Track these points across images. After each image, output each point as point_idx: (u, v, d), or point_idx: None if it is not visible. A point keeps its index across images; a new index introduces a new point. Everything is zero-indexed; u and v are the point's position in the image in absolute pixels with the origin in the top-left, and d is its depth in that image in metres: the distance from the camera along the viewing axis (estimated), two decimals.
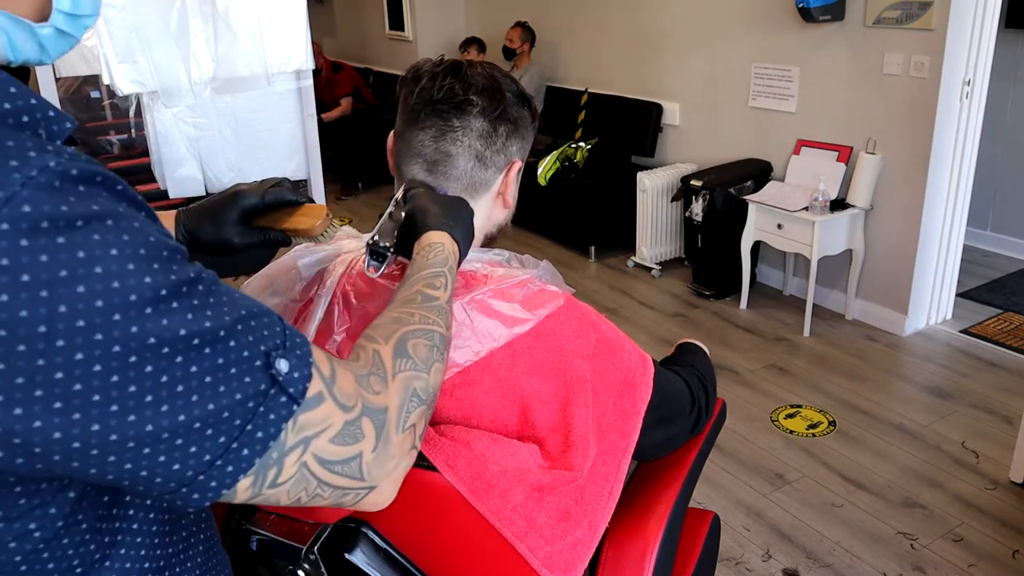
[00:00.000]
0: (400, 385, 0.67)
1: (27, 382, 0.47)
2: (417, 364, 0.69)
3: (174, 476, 0.53)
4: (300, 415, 0.57)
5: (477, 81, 0.98)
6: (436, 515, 0.88)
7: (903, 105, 3.37)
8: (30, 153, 0.48)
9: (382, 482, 0.63)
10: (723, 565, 2.21)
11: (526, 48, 5.23)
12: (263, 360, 0.55)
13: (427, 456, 0.85)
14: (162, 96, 2.14)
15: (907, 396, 3.11)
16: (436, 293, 0.79)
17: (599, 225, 4.61)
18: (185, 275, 0.52)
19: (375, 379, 0.65)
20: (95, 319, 0.47)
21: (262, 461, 0.56)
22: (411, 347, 0.70)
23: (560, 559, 0.86)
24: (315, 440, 0.58)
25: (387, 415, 0.64)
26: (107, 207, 0.49)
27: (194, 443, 0.52)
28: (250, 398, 0.54)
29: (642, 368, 0.99)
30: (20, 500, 0.54)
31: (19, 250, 0.45)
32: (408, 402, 0.67)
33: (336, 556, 0.90)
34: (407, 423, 0.66)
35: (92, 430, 0.49)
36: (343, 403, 0.60)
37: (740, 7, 3.98)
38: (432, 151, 0.98)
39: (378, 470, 0.63)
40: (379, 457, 0.62)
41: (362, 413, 0.62)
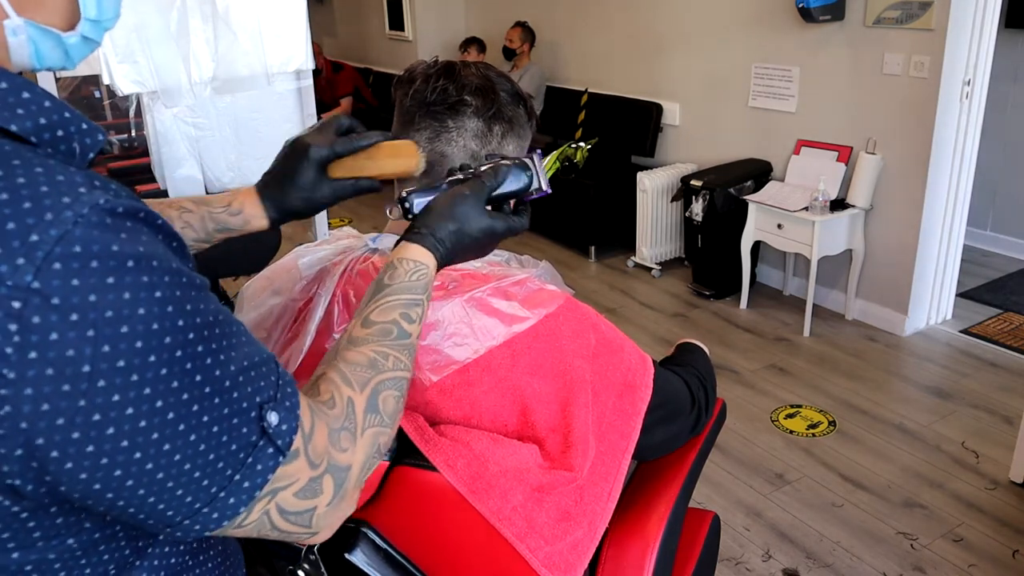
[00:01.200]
0: (367, 442, 0.67)
1: (67, 423, 0.47)
2: (384, 420, 0.70)
3: (163, 518, 0.54)
4: (280, 468, 0.58)
5: (471, 81, 0.98)
6: (436, 515, 0.88)
7: (903, 105, 3.37)
8: (80, 189, 0.48)
9: (325, 530, 0.65)
10: (723, 565, 2.21)
11: (526, 48, 5.23)
12: (257, 412, 0.56)
13: (427, 456, 0.85)
14: (162, 96, 2.15)
15: (907, 396, 3.11)
16: (411, 328, 0.77)
17: (599, 225, 4.61)
18: (209, 317, 0.53)
19: (345, 435, 0.66)
20: (134, 360, 0.48)
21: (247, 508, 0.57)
22: (382, 400, 0.70)
23: (560, 559, 0.86)
24: (282, 492, 0.59)
25: (349, 473, 0.64)
26: (151, 248, 0.50)
27: (187, 489, 0.54)
28: (241, 449, 0.55)
29: (642, 369, 0.99)
30: (57, 520, 0.55)
31: (71, 290, 0.45)
32: (371, 458, 0.68)
33: (336, 556, 0.90)
34: (365, 477, 0.67)
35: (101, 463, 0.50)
36: (313, 460, 0.61)
37: (740, 7, 3.98)
38: (427, 152, 0.98)
39: (326, 520, 0.64)
40: (332, 510, 0.63)
41: (326, 471, 0.62)
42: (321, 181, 0.93)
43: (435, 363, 0.90)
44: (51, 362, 0.46)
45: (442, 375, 0.89)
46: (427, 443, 0.86)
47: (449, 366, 0.89)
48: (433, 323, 0.90)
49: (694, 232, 4.01)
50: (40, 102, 0.53)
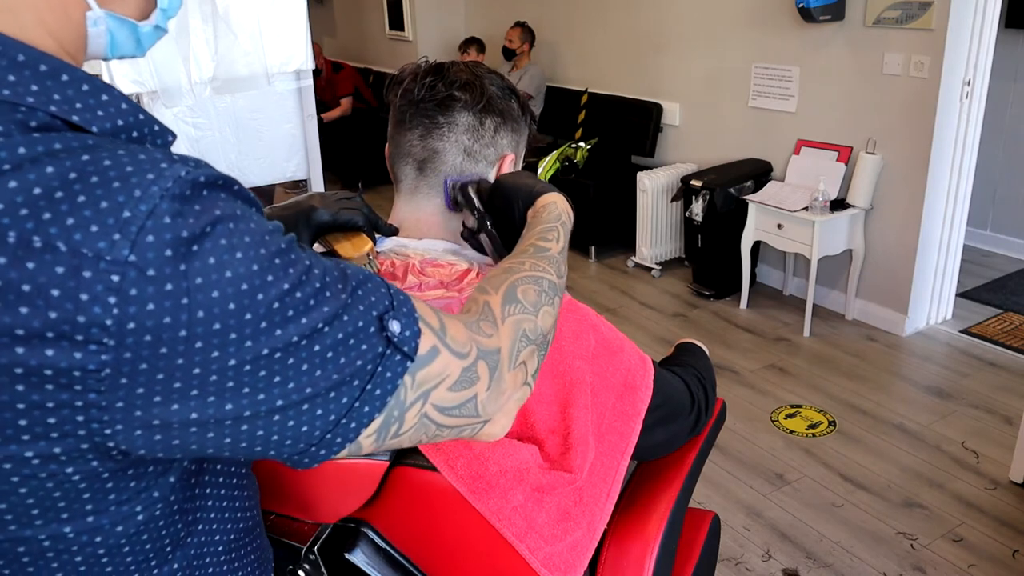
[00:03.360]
0: (510, 327, 0.70)
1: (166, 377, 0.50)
2: (526, 308, 0.73)
3: (303, 438, 0.57)
4: (418, 371, 0.60)
5: (459, 77, 0.99)
6: (436, 515, 0.88)
7: (903, 105, 3.37)
8: (162, 165, 0.51)
9: (496, 415, 0.68)
10: (723, 565, 2.21)
11: (526, 48, 5.23)
12: (376, 325, 0.58)
13: (427, 456, 0.85)
14: (162, 96, 2.15)
15: (907, 396, 3.11)
16: (548, 245, 0.84)
17: (599, 225, 4.61)
18: (301, 266, 0.55)
19: (485, 323, 0.69)
20: (229, 321, 0.50)
21: (384, 417, 0.59)
22: (520, 292, 0.74)
23: (560, 559, 0.86)
24: (434, 391, 0.62)
25: (500, 355, 0.67)
26: (227, 209, 0.53)
27: (320, 407, 0.56)
28: (368, 362, 0.57)
29: (642, 369, 0.99)
30: (131, 483, 0.57)
31: (164, 261, 0.48)
32: (518, 342, 0.70)
33: (336, 556, 0.90)
34: (517, 360, 0.70)
35: (226, 409, 0.53)
36: (458, 351, 0.63)
37: (740, 7, 3.98)
38: (420, 150, 0.99)
39: (492, 405, 0.67)
40: (492, 394, 0.66)
41: (478, 357, 0.65)
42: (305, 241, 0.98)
43: None
44: (149, 330, 0.48)
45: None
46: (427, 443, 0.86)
47: None
48: None
49: (694, 232, 4.01)
50: (118, 104, 0.56)
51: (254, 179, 2.34)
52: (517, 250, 0.84)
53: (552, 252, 0.83)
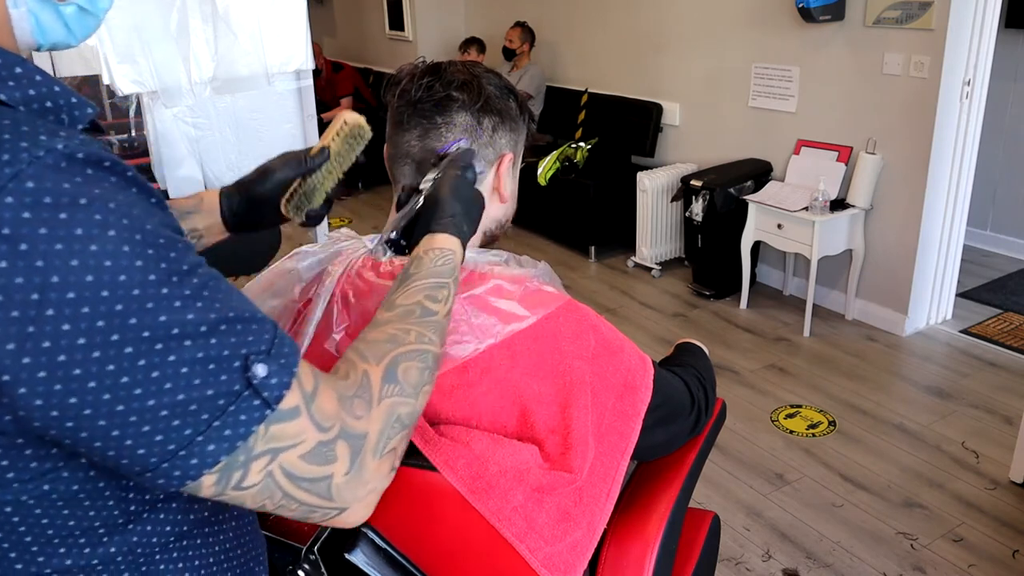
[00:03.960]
0: (384, 411, 0.66)
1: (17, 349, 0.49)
2: (405, 389, 0.69)
3: (139, 459, 0.55)
4: (273, 425, 0.58)
5: (456, 77, 0.98)
6: (436, 515, 0.88)
7: (903, 105, 3.37)
8: (41, 136, 0.51)
9: (354, 505, 0.64)
10: (723, 565, 2.21)
11: (526, 48, 5.23)
12: (241, 362, 0.56)
13: (427, 456, 0.85)
14: (162, 96, 2.15)
15: (907, 396, 3.11)
16: (436, 307, 0.78)
17: (599, 225, 4.61)
18: (179, 265, 0.54)
19: (359, 402, 0.65)
20: (84, 293, 0.50)
21: (228, 461, 0.57)
22: (401, 371, 0.69)
23: (560, 560, 0.86)
24: (284, 453, 0.59)
25: (366, 440, 0.64)
26: (110, 192, 0.52)
27: (160, 431, 0.54)
28: (221, 396, 0.55)
29: (642, 370, 0.99)
30: (32, 463, 0.56)
31: (20, 221, 0.48)
32: (390, 427, 0.66)
33: (336, 556, 0.90)
34: (386, 448, 0.66)
35: (70, 402, 0.51)
36: (320, 423, 0.61)
37: (740, 7, 3.98)
38: (419, 150, 0.99)
39: (349, 493, 0.63)
40: (351, 481, 0.63)
41: (339, 436, 0.62)
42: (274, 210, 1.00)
43: None
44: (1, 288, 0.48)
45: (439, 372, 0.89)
46: (427, 443, 0.86)
47: (447, 363, 0.89)
48: None
49: (694, 232, 4.01)
50: (31, 76, 0.56)
51: None
52: (403, 302, 0.77)
53: (439, 317, 0.77)
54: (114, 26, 2.01)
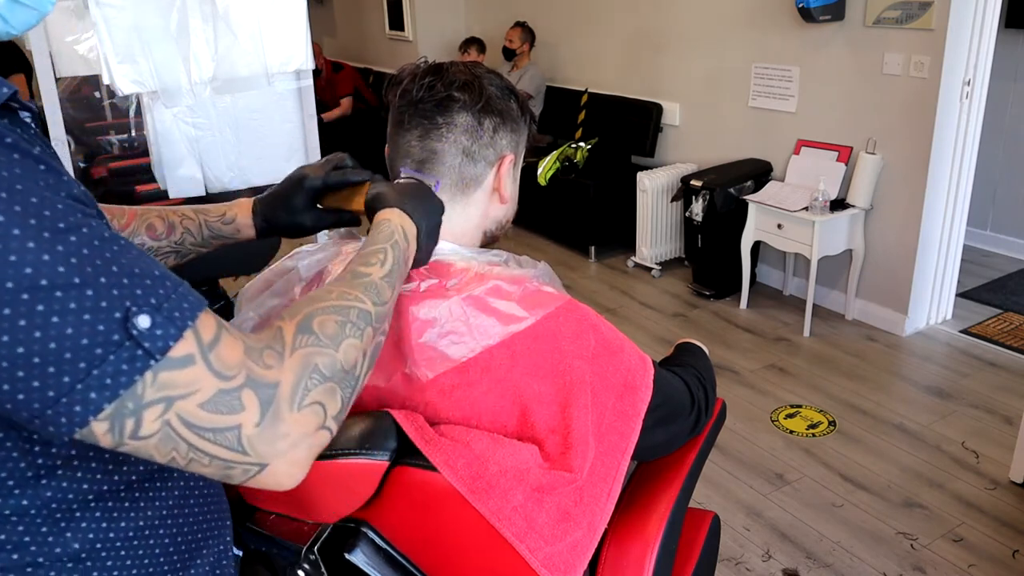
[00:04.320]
0: (299, 361, 0.65)
1: None
2: (321, 340, 0.67)
3: (22, 406, 0.56)
4: (162, 373, 0.58)
5: (457, 78, 0.98)
6: (436, 515, 0.88)
7: (903, 105, 3.37)
8: None
9: (275, 460, 0.62)
10: (723, 565, 2.21)
11: (526, 48, 5.23)
12: (122, 313, 0.57)
13: (427, 456, 0.85)
14: (162, 96, 2.15)
15: (907, 396, 3.11)
16: (368, 270, 0.78)
17: (599, 225, 4.61)
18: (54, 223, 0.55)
19: (270, 353, 0.64)
20: None
21: (115, 409, 0.57)
22: (317, 324, 0.68)
23: (560, 560, 0.86)
24: (180, 401, 0.59)
25: (277, 390, 0.62)
26: None
27: (37, 378, 0.55)
28: (98, 345, 0.56)
29: (642, 370, 0.99)
30: None
31: None
32: (307, 379, 0.64)
33: (336, 556, 0.90)
34: (306, 400, 0.64)
35: None
36: (219, 371, 0.60)
37: (740, 7, 3.98)
38: (419, 150, 0.99)
39: (264, 446, 0.61)
40: (265, 432, 0.61)
41: (244, 385, 0.61)
42: (309, 208, 1.03)
43: (431, 360, 0.90)
44: None
45: (437, 372, 0.89)
46: (427, 443, 0.86)
47: (445, 363, 0.89)
48: (430, 321, 0.90)
49: (694, 232, 4.01)
50: None
51: (254, 179, 2.34)
52: (337, 275, 0.78)
53: (372, 278, 0.77)
54: (114, 26, 2.01)
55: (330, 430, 0.66)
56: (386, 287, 0.78)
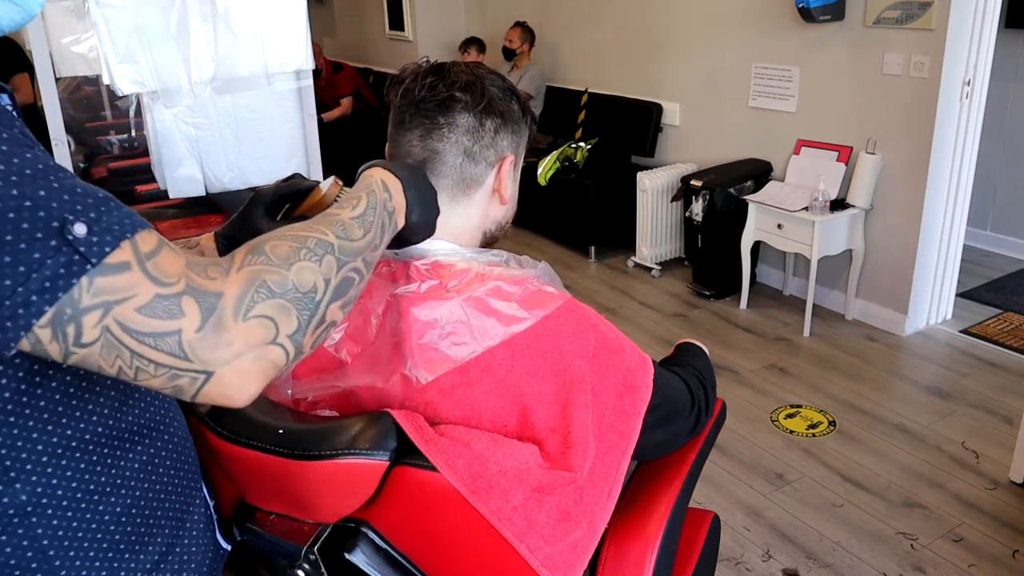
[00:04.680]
0: (244, 276, 0.65)
1: None
2: (271, 260, 0.67)
3: None
4: (98, 278, 0.59)
5: (459, 78, 0.98)
6: (436, 515, 0.88)
7: (903, 105, 3.37)
8: None
9: (220, 369, 0.62)
10: (723, 565, 2.21)
11: (526, 48, 5.23)
12: (59, 223, 0.59)
13: (427, 456, 0.85)
14: (162, 96, 2.14)
15: (907, 396, 3.11)
16: (339, 211, 0.78)
17: (599, 225, 4.61)
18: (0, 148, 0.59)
19: (214, 268, 0.65)
20: None
21: (55, 314, 0.59)
22: (269, 247, 0.69)
23: (560, 559, 0.86)
24: (118, 306, 0.60)
25: (220, 300, 0.63)
26: None
27: None
28: (36, 250, 0.58)
29: (642, 369, 0.99)
30: None
31: None
32: (253, 291, 0.64)
33: (336, 556, 0.90)
34: (251, 312, 0.64)
35: None
36: (156, 277, 0.61)
37: (740, 7, 3.98)
38: (420, 150, 0.99)
39: (207, 353, 0.62)
40: (207, 339, 0.61)
41: (184, 292, 0.62)
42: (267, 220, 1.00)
43: (431, 361, 0.90)
44: None
45: (437, 373, 0.89)
46: (427, 443, 0.86)
47: (445, 364, 0.89)
48: (430, 322, 0.90)
49: (694, 232, 4.01)
50: None
51: (254, 179, 2.34)
52: None
53: (341, 217, 0.77)
54: (114, 26, 2.00)
55: (284, 348, 0.66)
56: (355, 226, 0.77)
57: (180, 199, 2.32)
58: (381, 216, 0.82)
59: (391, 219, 0.84)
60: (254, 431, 0.89)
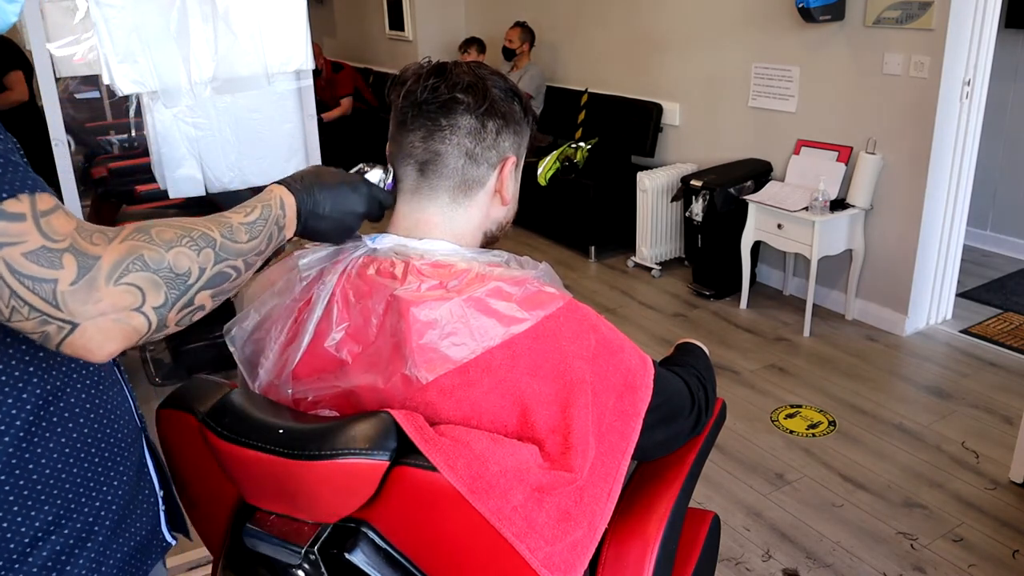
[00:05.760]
0: (124, 248, 0.71)
1: None
2: (153, 240, 0.73)
3: None
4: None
5: (462, 79, 0.98)
6: (436, 515, 0.88)
7: (903, 105, 3.37)
8: None
9: (85, 322, 0.69)
10: (723, 565, 2.21)
11: (526, 48, 5.23)
12: None
13: (427, 456, 0.85)
14: (162, 96, 2.14)
15: (907, 396, 3.11)
16: (230, 216, 0.83)
17: (599, 225, 4.61)
18: None
19: (99, 236, 0.71)
20: None
21: None
22: (155, 231, 0.74)
23: (560, 559, 0.86)
24: (7, 248, 0.66)
25: (97, 263, 0.69)
26: None
27: None
28: None
29: (642, 369, 0.99)
30: None
31: None
32: (130, 262, 0.71)
33: (336, 556, 0.90)
34: (123, 279, 0.70)
35: None
36: (46, 232, 0.68)
37: (740, 7, 3.98)
38: (422, 151, 0.99)
39: (76, 305, 0.68)
40: (78, 293, 0.68)
41: (66, 249, 0.68)
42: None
43: (431, 361, 0.90)
44: None
45: (437, 373, 0.89)
46: (427, 443, 0.86)
47: (445, 365, 0.89)
48: (431, 322, 0.90)
49: (694, 232, 4.01)
50: None
51: (254, 179, 2.34)
52: None
53: (231, 220, 0.83)
54: (114, 26, 2.00)
55: (147, 318, 0.72)
56: (243, 230, 0.83)
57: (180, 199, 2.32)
58: (271, 228, 0.87)
59: (280, 232, 0.90)
60: (254, 431, 0.89)
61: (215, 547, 1.10)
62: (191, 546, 2.11)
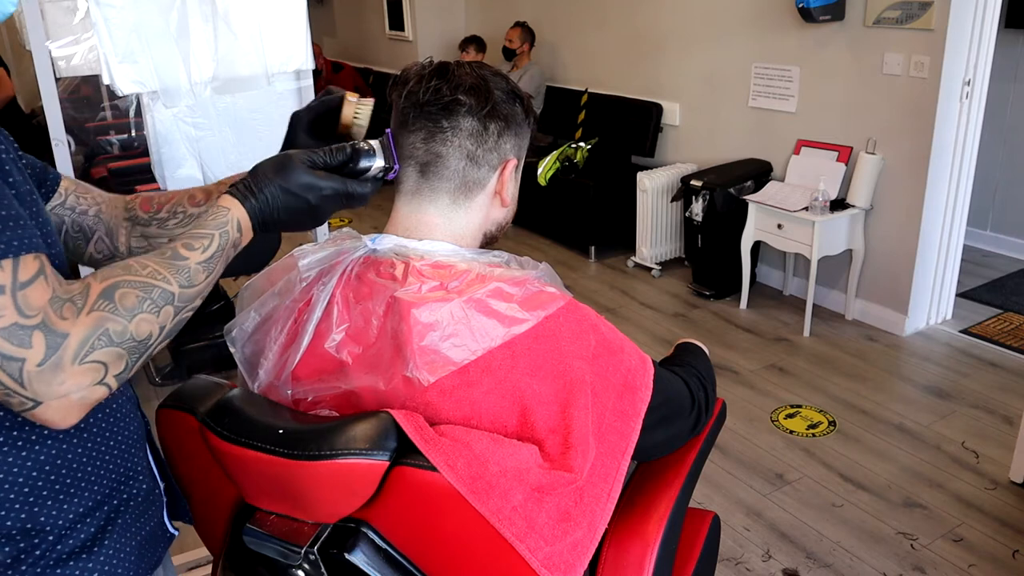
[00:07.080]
0: (92, 321, 0.72)
1: None
2: (118, 309, 0.74)
3: None
4: None
5: (464, 80, 0.98)
6: (436, 515, 0.88)
7: (903, 105, 3.37)
8: None
9: (49, 400, 0.70)
10: (723, 565, 2.21)
11: (526, 48, 5.23)
12: None
13: (427, 456, 0.85)
14: (162, 96, 2.15)
15: (907, 396, 3.11)
16: (189, 254, 0.82)
17: (599, 225, 4.61)
18: None
19: (69, 306, 0.71)
20: None
21: None
22: (119, 295, 0.74)
23: (560, 560, 0.86)
24: None
25: (65, 341, 0.70)
26: None
27: None
28: None
29: (642, 370, 0.99)
30: None
31: None
32: (95, 338, 0.71)
33: (336, 556, 0.90)
34: (89, 357, 0.71)
35: None
36: (22, 308, 0.68)
37: (740, 7, 3.98)
38: (423, 153, 0.98)
39: (40, 386, 0.69)
40: (44, 374, 0.69)
41: (37, 326, 0.68)
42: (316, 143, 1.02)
43: (432, 363, 0.90)
44: None
45: (439, 375, 0.89)
46: (427, 443, 0.86)
47: (446, 367, 0.89)
48: (432, 323, 0.90)
49: (694, 232, 4.01)
50: None
51: None
52: (167, 246, 0.83)
53: (189, 262, 0.81)
54: (114, 26, 2.01)
55: (109, 387, 0.74)
56: (201, 272, 0.83)
57: None
58: (227, 253, 0.87)
59: (234, 251, 0.89)
60: (254, 431, 0.89)
61: (215, 547, 1.10)
62: (191, 546, 2.11)
